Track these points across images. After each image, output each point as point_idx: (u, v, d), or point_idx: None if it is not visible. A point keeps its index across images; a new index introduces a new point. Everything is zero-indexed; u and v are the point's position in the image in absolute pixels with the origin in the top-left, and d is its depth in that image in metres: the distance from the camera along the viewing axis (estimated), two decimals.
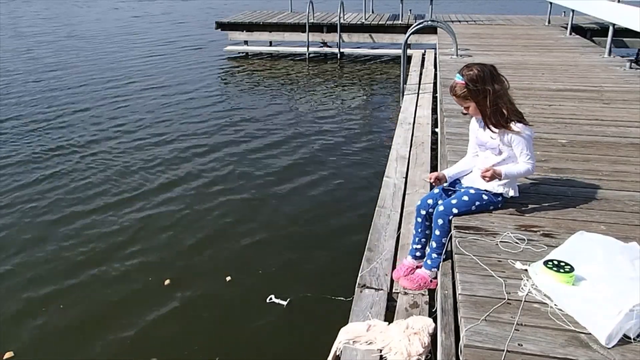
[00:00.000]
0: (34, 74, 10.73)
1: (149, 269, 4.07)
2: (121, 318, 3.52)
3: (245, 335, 3.37)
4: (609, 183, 3.26)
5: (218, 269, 4.06)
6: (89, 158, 6.27)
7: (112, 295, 3.77)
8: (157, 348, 3.25)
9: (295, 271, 4.03)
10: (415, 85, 8.24)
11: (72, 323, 3.49)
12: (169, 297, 3.73)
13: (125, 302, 3.69)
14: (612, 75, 6.48)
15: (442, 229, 2.82)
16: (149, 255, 4.26)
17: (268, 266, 4.10)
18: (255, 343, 3.30)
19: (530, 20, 12.37)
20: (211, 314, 3.58)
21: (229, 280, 3.92)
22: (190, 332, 3.39)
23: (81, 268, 4.07)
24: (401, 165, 4.94)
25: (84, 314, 3.57)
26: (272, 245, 4.41)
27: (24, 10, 23.30)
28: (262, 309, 3.58)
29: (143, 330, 3.41)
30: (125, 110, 8.26)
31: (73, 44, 14.42)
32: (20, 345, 3.28)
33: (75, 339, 3.35)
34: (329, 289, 3.59)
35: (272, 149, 6.60)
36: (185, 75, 10.69)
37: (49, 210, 4.97)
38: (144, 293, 3.80)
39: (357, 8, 13.62)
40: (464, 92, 2.69)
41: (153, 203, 5.12)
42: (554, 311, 2.05)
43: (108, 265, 4.10)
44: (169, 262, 4.17)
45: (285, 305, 3.55)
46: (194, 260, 4.19)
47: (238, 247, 4.38)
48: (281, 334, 3.38)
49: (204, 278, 3.96)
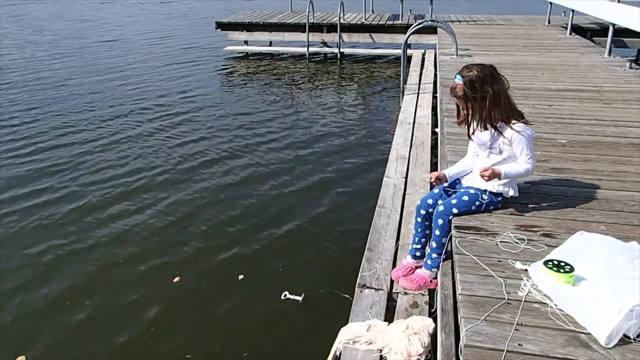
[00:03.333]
0: (26, 76, 10.72)
1: (161, 268, 4.08)
2: (134, 318, 3.51)
3: (244, 334, 3.37)
4: (609, 183, 3.26)
5: (218, 268, 4.08)
6: (99, 155, 6.29)
7: (124, 295, 3.76)
8: (167, 347, 3.26)
9: (294, 271, 4.03)
10: (415, 85, 8.24)
11: (84, 325, 3.46)
12: (178, 294, 3.77)
13: (137, 301, 3.69)
14: (612, 75, 6.48)
15: (442, 229, 2.82)
16: (159, 254, 4.27)
17: (267, 265, 4.10)
18: (255, 342, 3.30)
19: (530, 20, 12.37)
20: (210, 310, 3.58)
21: (234, 278, 3.93)
22: (193, 329, 3.40)
23: (92, 268, 4.07)
24: (401, 165, 4.94)
25: (96, 315, 3.56)
26: (272, 245, 4.40)
27: (26, 9, 23.31)
28: (261, 309, 3.58)
29: (156, 329, 3.41)
30: (125, 110, 8.25)
31: (70, 44, 14.41)
32: (32, 349, 3.26)
33: (87, 341, 3.33)
34: (329, 288, 3.59)
35: (271, 149, 6.59)
36: (185, 75, 10.68)
37: (52, 212, 4.98)
38: (155, 291, 3.80)
39: (357, 8, 13.61)
40: (464, 93, 2.69)
41: (153, 203, 5.13)
42: (554, 311, 2.05)
43: (119, 265, 4.11)
44: (178, 260, 4.19)
45: (300, 301, 3.54)
46: (197, 257, 4.21)
47: (237, 247, 4.37)
48: (281, 334, 3.37)
49: (203, 277, 3.97)
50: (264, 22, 12.63)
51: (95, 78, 10.38)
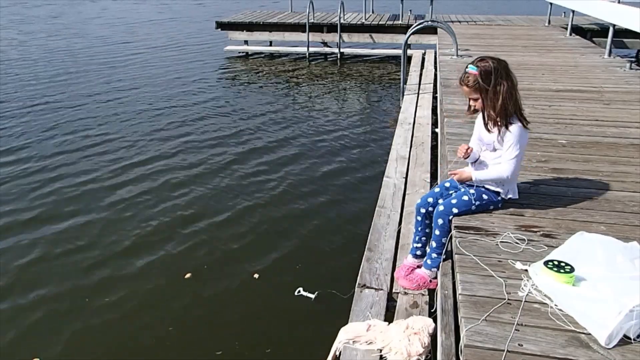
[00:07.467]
0: (31, 74, 10.72)
1: (171, 265, 4.10)
2: (147, 316, 3.53)
3: (244, 333, 3.36)
4: (609, 183, 3.26)
5: (218, 266, 4.08)
6: (99, 157, 6.30)
7: (138, 293, 3.77)
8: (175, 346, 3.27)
9: (294, 271, 4.02)
10: (415, 86, 8.24)
11: (97, 326, 3.45)
12: (189, 290, 3.80)
13: (150, 298, 3.72)
14: (612, 76, 6.48)
15: (442, 229, 2.82)
16: (169, 252, 4.29)
17: (267, 265, 4.10)
18: (253, 342, 3.30)
19: (530, 20, 12.37)
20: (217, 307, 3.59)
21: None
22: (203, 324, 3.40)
23: (102, 267, 4.08)
24: (401, 165, 4.94)
25: (109, 315, 3.56)
26: (271, 245, 4.40)
27: (22, 9, 23.32)
28: (260, 309, 3.58)
29: (171, 326, 3.43)
30: (124, 110, 8.25)
31: (69, 44, 14.40)
32: (46, 351, 3.24)
33: (100, 341, 3.32)
34: (329, 288, 3.58)
35: (270, 149, 6.59)
36: (185, 75, 10.68)
37: (54, 213, 4.98)
38: (168, 288, 3.83)
39: (357, 8, 13.62)
40: (476, 83, 2.64)
41: (151, 204, 5.13)
42: (554, 311, 2.05)
43: (130, 263, 4.13)
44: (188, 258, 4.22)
45: (313, 299, 3.53)
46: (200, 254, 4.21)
47: (235, 246, 4.38)
48: (280, 334, 3.37)
49: (204, 273, 3.97)
50: (264, 22, 12.63)
51: (94, 77, 10.38)
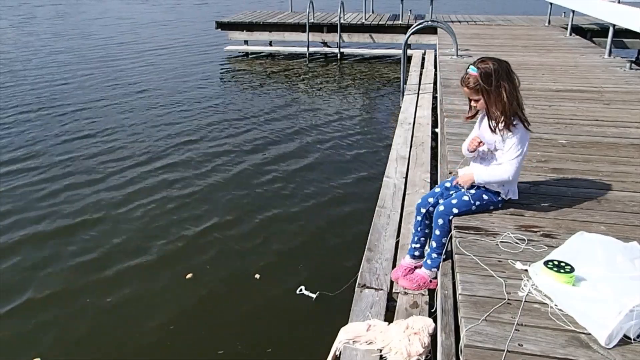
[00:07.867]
0: (27, 76, 10.73)
1: (173, 266, 4.10)
2: (148, 316, 3.53)
3: (245, 333, 3.37)
4: (609, 183, 3.26)
5: (219, 267, 4.08)
6: (101, 157, 6.30)
7: (138, 293, 3.78)
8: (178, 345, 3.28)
9: (294, 270, 4.02)
10: (415, 86, 8.24)
11: (98, 326, 3.46)
12: (190, 290, 3.80)
13: (151, 298, 3.72)
14: (612, 76, 6.48)
15: (442, 229, 2.82)
16: (171, 253, 4.30)
17: (267, 265, 4.10)
18: (252, 341, 3.30)
19: (530, 20, 12.37)
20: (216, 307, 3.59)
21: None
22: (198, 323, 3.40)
23: (105, 267, 4.08)
24: (401, 166, 4.94)
25: (109, 315, 3.56)
26: (271, 245, 4.40)
27: (24, 9, 23.32)
28: (259, 308, 3.58)
29: (170, 328, 3.43)
30: (125, 110, 8.25)
31: (68, 44, 14.40)
32: (46, 350, 3.24)
33: (102, 341, 3.32)
34: (329, 288, 3.58)
35: (270, 149, 6.59)
36: (185, 75, 10.68)
37: (54, 214, 4.98)
38: (169, 288, 3.83)
39: (357, 8, 13.62)
40: (477, 85, 2.62)
41: (153, 205, 5.13)
42: (554, 311, 2.05)
43: (132, 263, 4.13)
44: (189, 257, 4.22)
45: (314, 299, 3.53)
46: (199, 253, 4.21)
47: (237, 247, 4.38)
48: (279, 334, 3.37)
49: (206, 273, 3.97)
50: (264, 22, 12.63)
51: (94, 77, 10.37)
